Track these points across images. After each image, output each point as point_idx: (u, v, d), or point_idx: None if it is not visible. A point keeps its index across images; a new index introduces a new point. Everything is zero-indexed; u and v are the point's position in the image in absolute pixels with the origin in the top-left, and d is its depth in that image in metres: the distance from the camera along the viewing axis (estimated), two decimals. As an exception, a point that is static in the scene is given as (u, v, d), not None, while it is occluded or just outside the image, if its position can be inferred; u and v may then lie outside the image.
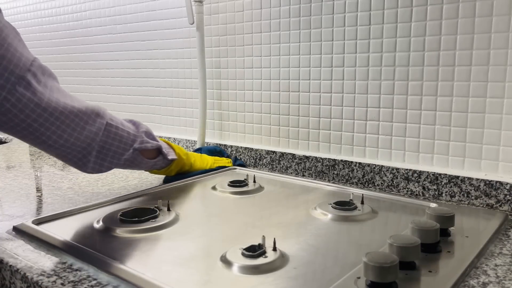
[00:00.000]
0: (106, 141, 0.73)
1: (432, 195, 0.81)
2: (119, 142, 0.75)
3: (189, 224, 0.69)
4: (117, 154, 0.75)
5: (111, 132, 0.74)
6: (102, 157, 0.74)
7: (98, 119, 0.72)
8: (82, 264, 0.55)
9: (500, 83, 0.74)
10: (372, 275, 0.46)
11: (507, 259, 0.56)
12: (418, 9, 0.80)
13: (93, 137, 0.71)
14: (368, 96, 0.88)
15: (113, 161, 0.76)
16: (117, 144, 0.75)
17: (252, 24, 1.04)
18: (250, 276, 0.51)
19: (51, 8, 1.58)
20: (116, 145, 0.75)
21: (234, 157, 1.10)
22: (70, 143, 0.69)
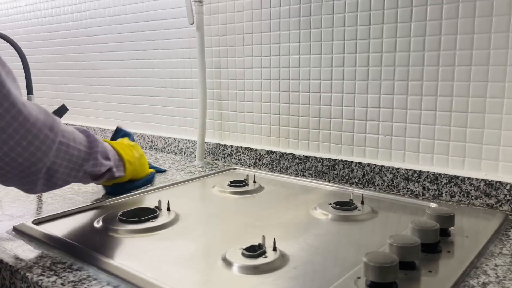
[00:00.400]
0: (55, 161, 0.64)
1: (432, 195, 0.81)
2: (68, 162, 0.66)
3: (189, 224, 0.69)
4: (64, 175, 0.66)
5: (60, 151, 0.64)
6: (48, 177, 0.65)
7: (51, 134, 0.62)
8: (82, 264, 0.55)
9: (500, 83, 0.74)
10: (372, 275, 0.46)
11: (507, 259, 0.56)
12: (418, 9, 0.80)
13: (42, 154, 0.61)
14: (368, 96, 0.88)
15: (57, 183, 0.67)
16: (65, 165, 0.66)
17: (252, 24, 1.04)
18: (250, 276, 0.51)
19: (51, 8, 1.58)
20: (65, 165, 0.66)
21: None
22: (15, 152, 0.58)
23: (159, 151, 1.28)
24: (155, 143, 1.29)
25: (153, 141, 1.30)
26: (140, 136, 1.33)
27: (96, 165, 0.71)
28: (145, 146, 1.32)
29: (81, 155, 0.68)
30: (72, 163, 0.67)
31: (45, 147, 0.61)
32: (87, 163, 0.69)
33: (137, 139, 1.34)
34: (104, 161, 0.73)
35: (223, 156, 1.13)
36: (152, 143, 1.30)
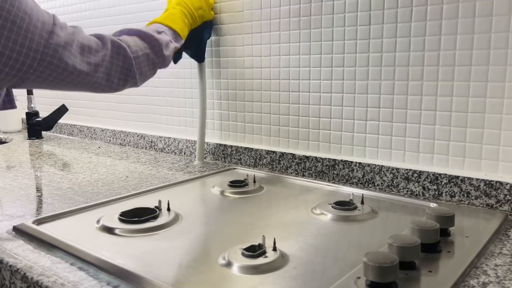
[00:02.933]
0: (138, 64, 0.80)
1: (432, 195, 0.81)
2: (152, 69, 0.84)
3: (189, 224, 0.69)
4: (147, 75, 0.85)
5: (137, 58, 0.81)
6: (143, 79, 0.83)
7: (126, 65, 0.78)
8: (82, 264, 0.55)
9: (500, 83, 0.74)
10: (372, 275, 0.46)
11: (507, 259, 0.56)
12: (418, 9, 0.80)
13: (133, 75, 0.79)
14: (368, 96, 0.88)
15: (146, 78, 0.85)
16: (149, 72, 0.84)
17: (252, 24, 1.04)
18: (250, 276, 0.51)
19: (51, 8, 1.58)
20: (149, 72, 0.84)
21: None
22: (108, 86, 0.76)
23: (159, 151, 1.28)
24: (155, 143, 1.29)
25: (153, 141, 1.30)
26: (140, 136, 1.33)
27: (164, 59, 0.86)
28: (145, 146, 1.32)
29: (148, 56, 0.83)
30: (146, 69, 0.83)
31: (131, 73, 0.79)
32: (158, 61, 0.85)
33: (137, 139, 1.34)
34: (167, 52, 0.87)
35: (223, 156, 1.13)
36: (152, 143, 1.30)
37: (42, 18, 0.63)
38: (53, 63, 0.63)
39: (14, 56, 0.59)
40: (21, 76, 0.61)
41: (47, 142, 1.48)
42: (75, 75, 0.68)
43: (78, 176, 1.00)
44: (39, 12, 0.63)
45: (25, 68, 0.61)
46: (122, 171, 1.04)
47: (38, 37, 0.61)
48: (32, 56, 0.61)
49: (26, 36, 0.60)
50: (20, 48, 0.60)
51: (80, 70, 0.68)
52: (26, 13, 0.60)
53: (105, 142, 1.45)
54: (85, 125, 1.53)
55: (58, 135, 1.63)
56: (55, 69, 0.64)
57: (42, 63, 0.62)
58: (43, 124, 1.49)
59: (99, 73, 0.73)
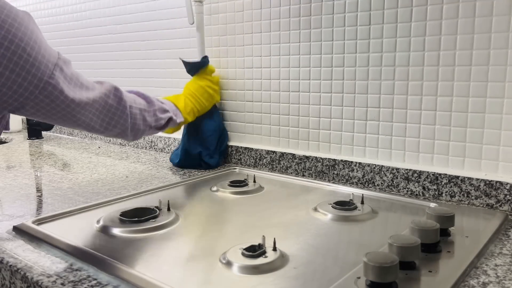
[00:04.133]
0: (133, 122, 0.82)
1: (432, 195, 0.81)
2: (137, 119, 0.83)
3: (189, 224, 0.69)
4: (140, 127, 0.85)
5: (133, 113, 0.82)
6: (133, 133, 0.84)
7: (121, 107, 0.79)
8: (82, 264, 0.55)
9: (500, 83, 0.74)
10: (372, 275, 0.46)
11: (507, 259, 0.56)
12: (418, 9, 0.80)
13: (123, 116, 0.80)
14: (368, 96, 0.88)
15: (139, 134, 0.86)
16: (137, 123, 0.83)
17: (252, 24, 1.04)
18: (250, 276, 0.51)
19: (51, 8, 1.58)
20: (138, 123, 0.84)
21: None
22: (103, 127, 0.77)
23: (159, 151, 1.28)
24: (155, 143, 1.29)
25: (153, 141, 1.30)
26: (140, 136, 1.33)
27: (157, 120, 0.88)
28: (145, 146, 1.32)
29: (143, 114, 0.84)
30: (139, 119, 0.83)
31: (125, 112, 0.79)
32: (151, 119, 0.86)
33: (137, 139, 1.34)
34: (162, 115, 0.89)
35: (223, 156, 1.13)
36: (152, 143, 1.30)
37: (49, 51, 0.66)
38: (54, 93, 0.66)
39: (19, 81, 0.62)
40: (22, 101, 0.64)
41: (47, 142, 1.48)
42: (71, 108, 0.69)
43: (78, 176, 1.00)
44: (48, 46, 0.67)
45: (27, 94, 0.63)
46: (122, 171, 1.04)
47: (44, 67, 0.64)
48: (35, 84, 0.63)
49: (33, 64, 0.62)
50: (26, 74, 0.62)
51: (78, 103, 0.70)
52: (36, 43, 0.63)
53: (105, 142, 1.45)
54: (85, 125, 1.53)
55: (58, 135, 1.63)
56: (55, 100, 0.66)
57: (43, 92, 0.65)
58: (43, 124, 1.49)
59: (94, 110, 0.74)
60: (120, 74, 1.38)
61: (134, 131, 0.83)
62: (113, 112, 0.77)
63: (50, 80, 0.65)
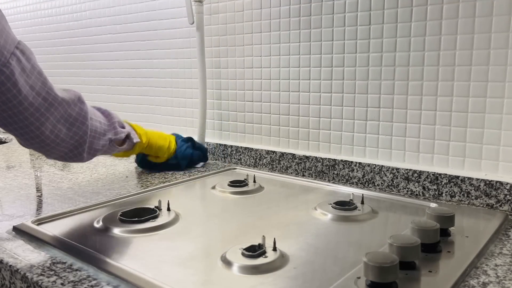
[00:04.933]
0: (90, 134, 0.75)
1: (432, 195, 0.81)
2: (95, 133, 0.77)
3: (189, 224, 0.69)
4: (97, 145, 0.78)
5: (92, 125, 0.76)
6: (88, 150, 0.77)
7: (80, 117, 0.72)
8: (82, 264, 0.55)
9: (500, 83, 0.74)
10: (372, 275, 0.46)
11: (507, 259, 0.56)
12: (418, 9, 0.80)
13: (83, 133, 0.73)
14: (368, 96, 0.88)
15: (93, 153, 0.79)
16: (96, 136, 0.77)
17: (252, 24, 1.04)
18: (250, 276, 0.51)
19: (51, 8, 1.58)
20: (96, 136, 0.77)
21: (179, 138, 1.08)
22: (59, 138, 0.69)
23: (159, 151, 1.28)
24: (155, 143, 1.29)
25: (153, 141, 1.30)
26: (140, 136, 1.33)
27: (117, 133, 0.83)
28: (145, 146, 1.32)
29: (103, 127, 0.79)
30: (98, 133, 0.77)
31: (85, 124, 0.72)
32: (109, 132, 0.81)
33: (137, 139, 1.34)
34: (121, 129, 0.86)
35: (223, 156, 1.13)
36: (152, 143, 1.30)
37: (6, 37, 0.59)
38: (5, 85, 0.59)
39: None
40: None
41: (47, 142, 1.48)
42: (23, 106, 0.62)
43: (78, 176, 1.00)
44: (6, 31, 0.60)
45: None
46: (122, 171, 1.04)
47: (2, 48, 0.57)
48: None
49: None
50: None
51: (31, 102, 0.62)
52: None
53: (105, 142, 1.45)
54: (85, 125, 1.53)
55: (58, 135, 1.62)
56: (5, 92, 0.60)
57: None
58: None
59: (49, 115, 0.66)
60: (120, 74, 1.38)
61: (91, 147, 0.76)
62: (71, 122, 0.69)
63: (4, 69, 0.58)
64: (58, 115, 0.67)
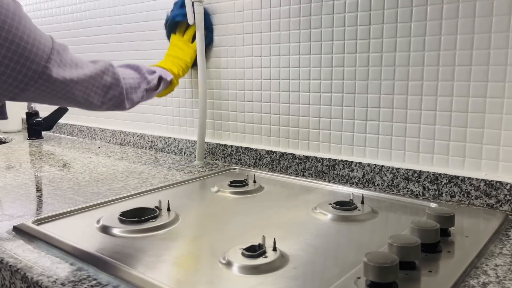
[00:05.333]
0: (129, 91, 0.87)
1: (432, 195, 0.81)
2: (132, 89, 0.88)
3: (189, 224, 0.69)
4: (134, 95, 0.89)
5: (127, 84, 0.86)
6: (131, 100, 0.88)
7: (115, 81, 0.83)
8: (82, 264, 0.55)
9: (500, 83, 0.74)
10: (372, 275, 0.46)
11: (507, 259, 0.56)
12: (418, 9, 0.80)
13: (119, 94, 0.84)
14: (368, 96, 0.88)
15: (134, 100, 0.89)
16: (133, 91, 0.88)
17: (252, 24, 1.04)
18: (250, 276, 0.51)
19: (51, 8, 1.58)
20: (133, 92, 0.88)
21: None
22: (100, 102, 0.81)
23: (159, 151, 1.28)
24: (155, 143, 1.29)
25: (153, 141, 1.30)
26: (140, 136, 1.33)
27: (149, 82, 0.92)
28: (145, 146, 1.32)
29: (136, 81, 0.89)
30: (133, 88, 0.88)
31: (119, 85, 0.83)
32: (143, 83, 0.91)
33: (137, 139, 1.34)
34: (151, 76, 0.94)
35: (223, 156, 1.13)
36: (152, 143, 1.30)
37: (44, 36, 0.68)
38: (52, 77, 0.68)
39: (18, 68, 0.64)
40: (22, 87, 0.66)
41: (47, 142, 1.48)
42: (70, 86, 0.72)
43: (78, 176, 1.00)
44: (40, 31, 0.68)
45: (27, 79, 0.65)
46: (122, 171, 1.04)
47: (42, 52, 0.66)
48: (34, 69, 0.65)
49: (31, 50, 0.64)
50: (25, 61, 0.64)
51: (76, 81, 0.73)
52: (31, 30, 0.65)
53: (105, 142, 1.45)
54: (85, 125, 1.53)
55: (58, 135, 1.63)
56: (54, 82, 0.69)
57: (42, 76, 0.67)
58: (43, 124, 1.49)
59: (91, 85, 0.77)
60: (120, 74, 1.38)
61: (129, 100, 0.87)
62: (108, 86, 0.81)
63: (48, 64, 0.67)
64: (96, 83, 0.78)
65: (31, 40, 0.64)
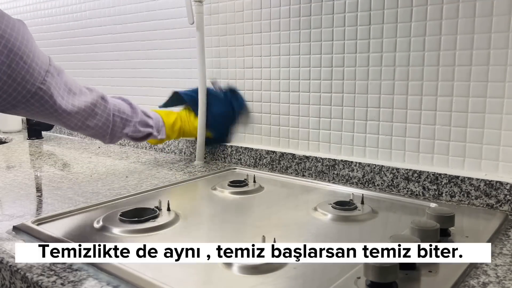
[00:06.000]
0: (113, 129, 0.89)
1: (432, 195, 0.81)
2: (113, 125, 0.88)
3: (189, 224, 0.69)
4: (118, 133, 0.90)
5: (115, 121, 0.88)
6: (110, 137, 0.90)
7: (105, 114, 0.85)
8: (82, 264, 0.55)
9: (500, 83, 0.74)
10: (372, 275, 0.46)
11: (507, 259, 0.56)
12: (418, 9, 0.80)
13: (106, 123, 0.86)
14: (368, 96, 0.88)
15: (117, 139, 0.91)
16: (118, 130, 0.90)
17: (252, 24, 1.04)
18: (250, 276, 0.51)
19: (51, 8, 1.58)
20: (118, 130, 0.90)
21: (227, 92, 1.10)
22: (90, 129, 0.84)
23: (159, 151, 1.28)
24: (155, 143, 1.29)
25: (153, 141, 1.30)
26: (140, 136, 1.33)
27: (135, 131, 0.93)
28: (145, 146, 1.32)
29: (123, 121, 0.90)
30: (117, 127, 0.89)
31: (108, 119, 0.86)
32: (128, 128, 0.91)
33: (137, 139, 1.34)
34: (142, 128, 0.95)
35: (223, 156, 1.13)
36: (152, 143, 1.30)
37: (43, 58, 0.71)
38: (44, 98, 0.71)
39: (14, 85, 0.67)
40: (14, 103, 0.69)
41: (47, 142, 1.48)
42: (58, 113, 0.75)
43: (78, 176, 1.00)
44: (41, 53, 0.72)
45: (20, 97, 0.69)
46: (122, 171, 1.04)
47: (37, 73, 0.69)
48: (28, 89, 0.69)
49: (28, 71, 0.68)
50: (21, 80, 0.68)
51: (64, 109, 0.76)
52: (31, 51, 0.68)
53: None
54: (85, 125, 1.53)
55: (58, 135, 1.63)
56: (44, 104, 0.72)
57: (35, 96, 0.70)
58: (43, 124, 1.49)
59: (80, 116, 0.80)
60: (120, 74, 1.38)
61: (111, 136, 0.89)
62: (97, 118, 0.84)
63: (42, 86, 0.70)
64: (85, 114, 0.81)
65: (29, 60, 0.68)
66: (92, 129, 0.84)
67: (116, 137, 0.90)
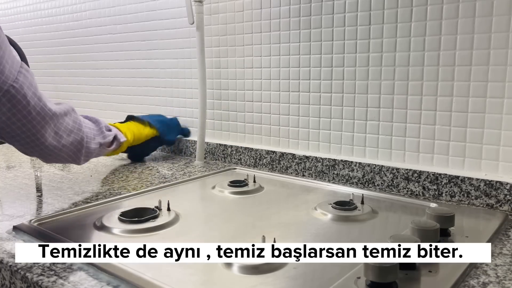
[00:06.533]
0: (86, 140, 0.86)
1: (432, 195, 0.81)
2: (89, 138, 0.86)
3: (189, 224, 0.69)
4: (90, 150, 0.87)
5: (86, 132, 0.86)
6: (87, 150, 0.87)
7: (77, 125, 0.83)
8: (82, 264, 0.55)
9: (500, 83, 0.74)
10: (372, 275, 0.46)
11: (507, 259, 0.56)
12: (418, 9, 0.80)
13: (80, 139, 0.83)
14: (368, 96, 0.88)
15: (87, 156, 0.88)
16: (89, 141, 0.87)
17: (252, 24, 1.04)
18: (250, 276, 0.51)
19: (51, 8, 1.58)
20: (89, 141, 0.87)
21: None
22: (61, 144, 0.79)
23: (159, 151, 1.28)
24: (155, 143, 1.29)
25: (153, 141, 1.30)
26: (140, 136, 1.33)
27: (105, 136, 0.92)
28: (145, 146, 1.32)
29: (93, 132, 0.88)
30: (90, 138, 0.86)
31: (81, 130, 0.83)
32: (99, 137, 0.90)
33: (137, 139, 1.34)
34: (108, 132, 0.94)
35: (223, 156, 1.13)
36: (152, 143, 1.30)
37: (13, 58, 0.69)
38: (16, 97, 0.68)
39: None
40: None
41: (47, 142, 1.48)
42: (32, 116, 0.71)
43: (78, 176, 1.00)
44: (13, 54, 0.70)
45: None
46: (122, 171, 1.04)
47: (8, 72, 0.67)
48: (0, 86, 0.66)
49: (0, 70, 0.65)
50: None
51: (38, 111, 0.72)
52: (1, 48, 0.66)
53: (105, 142, 1.45)
54: (85, 125, 1.53)
55: (58, 135, 1.62)
56: (16, 104, 0.69)
57: (6, 94, 0.67)
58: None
59: (52, 123, 0.75)
60: (120, 74, 1.38)
61: (86, 151, 0.85)
62: (69, 129, 0.80)
63: (14, 84, 0.68)
64: (59, 124, 0.77)
65: (3, 60, 0.66)
66: (68, 142, 0.80)
67: (90, 151, 0.87)
